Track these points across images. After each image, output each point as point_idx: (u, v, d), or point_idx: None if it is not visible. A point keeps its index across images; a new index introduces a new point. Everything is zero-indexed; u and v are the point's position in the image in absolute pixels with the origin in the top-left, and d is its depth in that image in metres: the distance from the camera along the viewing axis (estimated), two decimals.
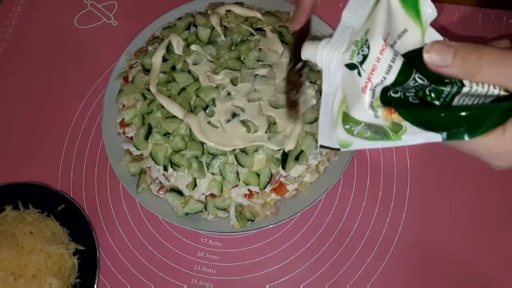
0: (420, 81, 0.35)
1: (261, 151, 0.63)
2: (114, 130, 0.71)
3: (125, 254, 0.68)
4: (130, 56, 0.75)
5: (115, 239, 0.69)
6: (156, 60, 0.69)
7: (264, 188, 0.63)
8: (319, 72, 0.69)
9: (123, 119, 0.69)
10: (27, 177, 0.73)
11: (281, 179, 0.65)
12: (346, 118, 0.38)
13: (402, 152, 0.69)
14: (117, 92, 0.72)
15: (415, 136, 0.35)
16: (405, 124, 0.35)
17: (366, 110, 0.36)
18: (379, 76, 0.35)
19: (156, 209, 0.66)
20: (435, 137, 0.34)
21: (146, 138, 0.66)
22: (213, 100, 0.65)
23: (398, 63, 0.35)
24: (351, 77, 0.37)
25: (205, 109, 0.64)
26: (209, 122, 0.64)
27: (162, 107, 0.66)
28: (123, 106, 0.70)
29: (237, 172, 0.63)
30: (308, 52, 0.41)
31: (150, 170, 0.67)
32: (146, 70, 0.70)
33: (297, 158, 0.63)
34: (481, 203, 0.66)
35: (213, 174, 0.63)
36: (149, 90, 0.68)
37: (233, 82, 0.66)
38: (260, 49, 0.68)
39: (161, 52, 0.69)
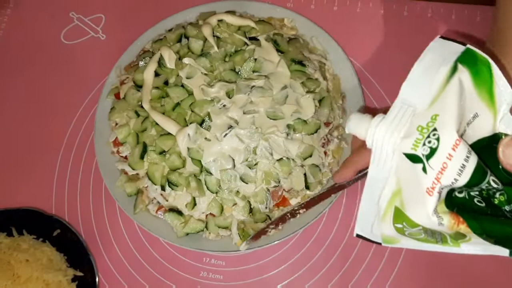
0: (494, 184, 0.31)
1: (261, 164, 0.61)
2: (107, 149, 0.68)
3: (125, 277, 0.66)
4: (120, 71, 0.72)
5: (114, 262, 0.66)
6: (148, 75, 0.67)
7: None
8: (317, 80, 0.66)
9: (116, 137, 0.67)
10: (20, 203, 0.70)
11: (284, 193, 0.63)
12: (399, 216, 0.33)
13: None
14: (108, 109, 0.70)
15: (477, 246, 0.31)
16: (471, 235, 0.31)
17: (430, 216, 0.31)
18: (450, 177, 0.30)
19: (155, 230, 0.64)
20: (502, 252, 0.30)
21: (142, 157, 0.64)
22: (209, 114, 0.62)
23: (472, 162, 0.30)
24: (412, 171, 0.32)
25: (201, 124, 0.62)
26: (206, 138, 0.61)
27: (157, 124, 0.64)
28: (116, 124, 0.68)
29: (237, 191, 0.61)
30: (356, 126, 0.36)
31: (147, 190, 0.65)
32: (138, 86, 0.68)
33: None
34: None
35: (212, 192, 0.61)
36: (142, 106, 0.66)
37: (229, 95, 0.63)
38: (255, 59, 0.65)
39: (152, 66, 0.67)
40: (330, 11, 0.76)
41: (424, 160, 0.31)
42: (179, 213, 0.63)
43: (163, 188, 0.63)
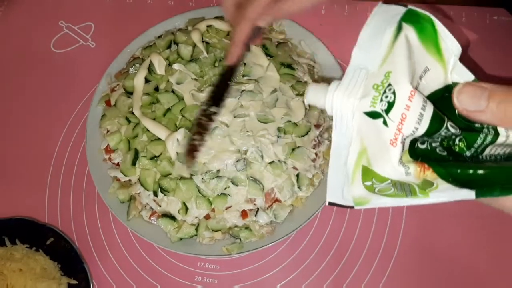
0: (452, 129, 0.32)
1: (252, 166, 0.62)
2: (99, 157, 0.68)
3: (120, 284, 0.66)
4: (111, 78, 0.73)
5: (109, 270, 0.66)
6: (138, 81, 0.67)
7: None
8: (306, 83, 0.67)
9: (108, 145, 0.67)
10: (12, 212, 0.70)
11: (277, 195, 0.63)
12: (367, 174, 0.34)
13: None
14: (99, 117, 0.70)
15: (445, 193, 0.31)
16: (438, 181, 0.31)
17: (396, 167, 0.32)
18: (410, 126, 0.31)
19: (149, 236, 0.64)
20: (468, 195, 0.30)
21: (133, 163, 0.64)
22: None
23: (429, 110, 0.31)
24: (374, 127, 0.33)
25: (190, 129, 0.62)
26: None
27: (148, 130, 0.64)
28: (107, 131, 0.68)
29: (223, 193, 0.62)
30: (314, 96, 0.36)
31: (140, 196, 0.65)
32: (129, 93, 0.68)
33: None
34: (481, 204, 0.64)
35: (204, 196, 0.61)
36: (133, 113, 0.66)
37: None
38: (244, 63, 0.66)
39: (142, 73, 0.67)
40: (317, 14, 0.77)
41: (384, 114, 0.32)
42: (172, 218, 0.63)
43: (155, 194, 0.63)
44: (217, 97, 0.55)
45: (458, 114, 0.32)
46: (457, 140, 0.32)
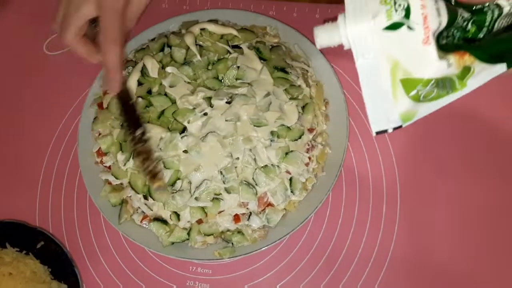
0: (466, 14, 0.34)
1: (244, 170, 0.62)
2: (91, 160, 0.68)
3: None
4: (104, 81, 0.72)
5: (100, 274, 0.66)
6: (131, 84, 0.67)
7: None
8: (300, 87, 0.67)
9: (99, 148, 0.66)
10: (3, 215, 0.69)
11: (270, 199, 0.63)
12: (410, 84, 0.34)
13: (390, 163, 0.67)
14: (92, 119, 0.70)
15: (480, 76, 0.33)
16: (475, 65, 0.33)
17: (438, 62, 0.33)
18: (435, 21, 0.32)
19: (141, 239, 0.63)
20: (501, 69, 0.32)
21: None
22: (189, 122, 0.62)
23: (441, 2, 0.33)
24: (399, 38, 0.33)
25: (182, 132, 0.62)
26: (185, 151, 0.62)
27: None
28: (99, 134, 0.68)
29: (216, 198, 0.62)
30: (325, 37, 0.37)
31: (131, 200, 0.64)
32: None
33: None
34: (472, 211, 0.65)
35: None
36: None
37: (211, 103, 0.63)
38: (238, 67, 0.66)
39: (135, 76, 0.67)
40: (312, 18, 0.77)
41: (405, 21, 0.33)
42: (164, 222, 0.63)
43: (146, 197, 0.63)
44: (133, 120, 0.60)
45: (458, 4, 0.34)
46: (469, 26, 0.34)
